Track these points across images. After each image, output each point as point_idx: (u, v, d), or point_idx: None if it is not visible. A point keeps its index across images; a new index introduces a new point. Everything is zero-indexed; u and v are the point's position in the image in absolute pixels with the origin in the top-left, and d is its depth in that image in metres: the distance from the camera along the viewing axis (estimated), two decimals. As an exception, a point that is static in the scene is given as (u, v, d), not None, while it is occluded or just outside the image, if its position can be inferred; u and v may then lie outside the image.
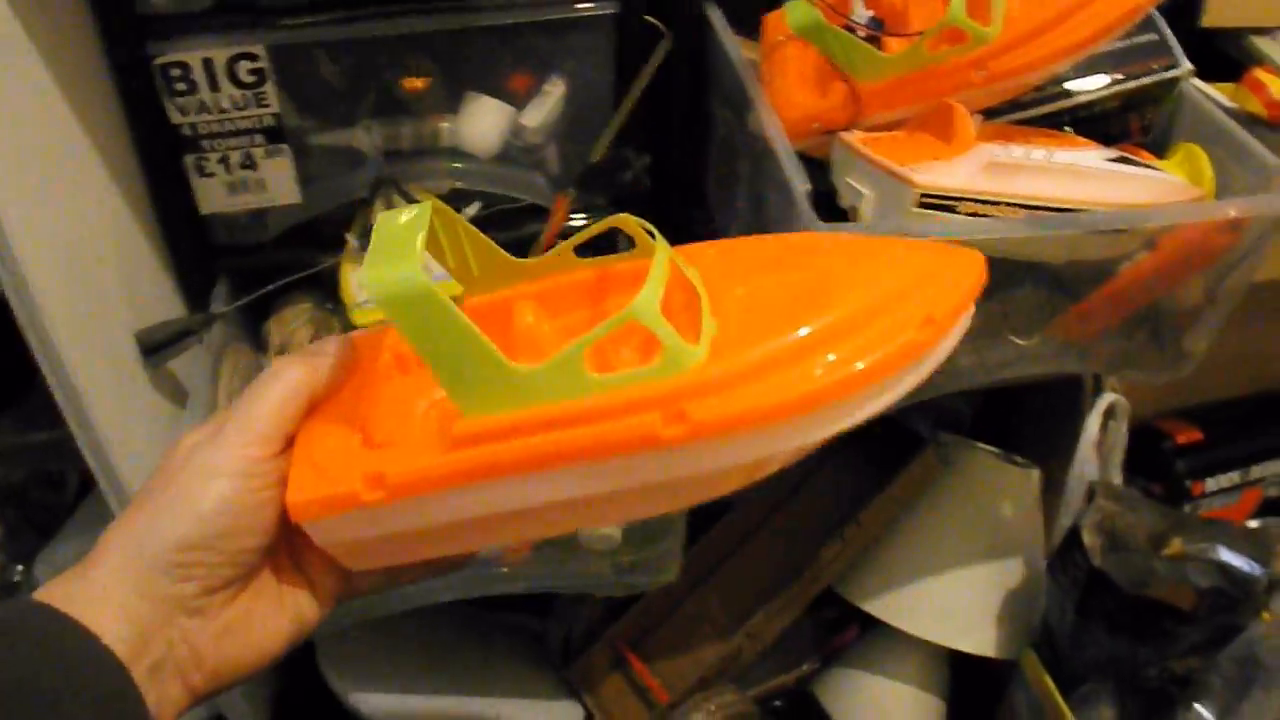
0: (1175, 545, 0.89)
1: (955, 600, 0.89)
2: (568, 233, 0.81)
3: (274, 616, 0.41)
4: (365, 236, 0.77)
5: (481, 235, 0.43)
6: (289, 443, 0.41)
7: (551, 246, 0.80)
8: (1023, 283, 0.67)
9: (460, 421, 0.37)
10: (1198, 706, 0.89)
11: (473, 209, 0.78)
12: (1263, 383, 1.14)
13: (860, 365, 0.35)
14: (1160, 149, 0.76)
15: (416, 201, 0.77)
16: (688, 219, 0.86)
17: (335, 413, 0.42)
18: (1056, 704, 0.86)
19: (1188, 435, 1.06)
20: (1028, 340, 0.69)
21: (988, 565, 0.90)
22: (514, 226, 0.81)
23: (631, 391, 0.36)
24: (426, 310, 0.35)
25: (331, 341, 0.43)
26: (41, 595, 0.37)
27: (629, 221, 0.42)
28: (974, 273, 0.39)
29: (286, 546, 0.42)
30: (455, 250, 0.43)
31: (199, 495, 0.38)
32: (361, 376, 0.43)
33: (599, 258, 0.44)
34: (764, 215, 0.68)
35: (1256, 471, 1.09)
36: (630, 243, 0.43)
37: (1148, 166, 0.69)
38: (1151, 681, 0.90)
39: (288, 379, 0.41)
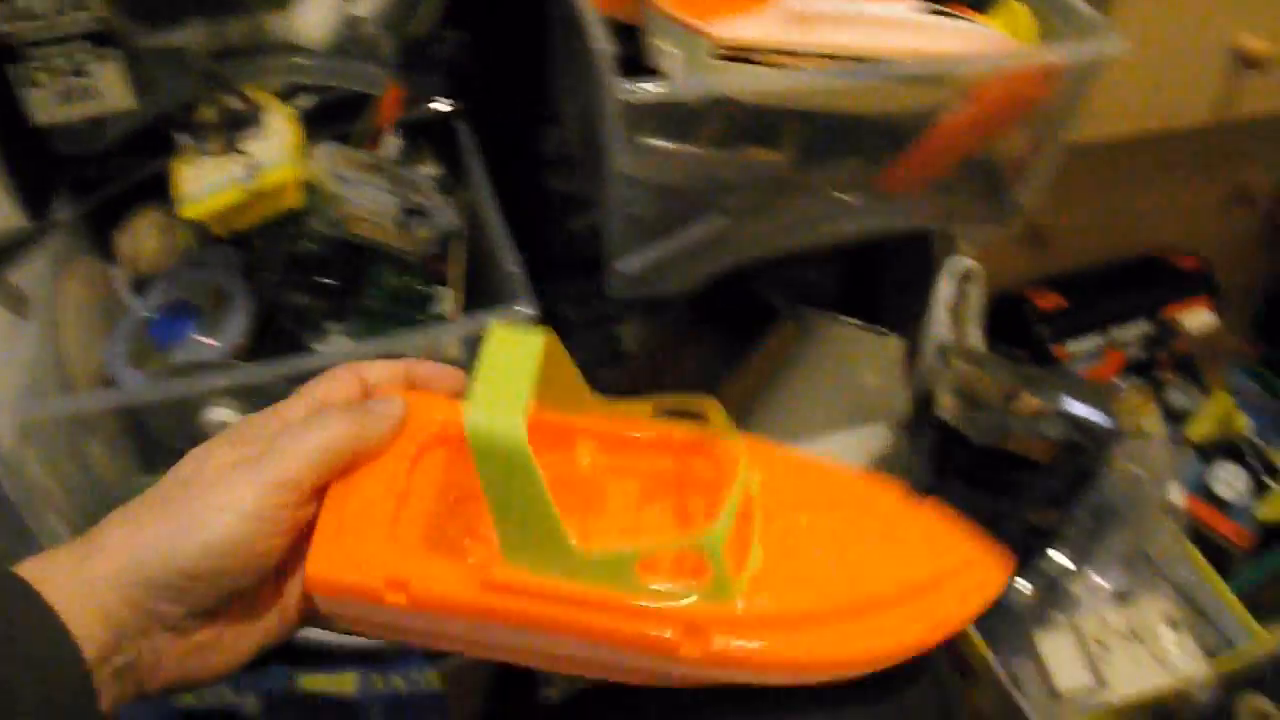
0: (1027, 401, 0.91)
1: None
2: (409, 129, 0.81)
3: (244, 637, 0.41)
4: (197, 133, 0.76)
5: (569, 360, 0.43)
6: (317, 494, 0.41)
7: (380, 134, 0.80)
8: (843, 138, 0.68)
9: (501, 567, 0.38)
10: (1053, 553, 0.93)
11: (305, 101, 0.77)
12: (1123, 249, 1.17)
13: (869, 648, 0.39)
14: (982, 5, 0.76)
15: (248, 100, 0.77)
16: (530, 106, 0.86)
17: (372, 479, 0.42)
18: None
19: (1050, 301, 1.09)
20: (852, 196, 0.70)
21: (852, 432, 0.92)
22: (349, 119, 0.79)
23: (664, 602, 0.38)
24: (513, 466, 0.35)
25: (391, 404, 0.43)
26: (28, 569, 0.36)
27: (714, 408, 0.44)
28: (993, 583, 0.42)
29: (274, 576, 0.41)
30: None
31: (212, 527, 0.37)
32: (405, 442, 0.43)
33: (669, 419, 0.46)
34: (584, 87, 0.68)
35: (1117, 334, 1.12)
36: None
37: (963, 19, 0.70)
38: (1012, 534, 0.93)
39: (332, 433, 0.40)
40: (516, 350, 0.37)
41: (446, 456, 0.44)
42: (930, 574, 0.41)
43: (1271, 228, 1.28)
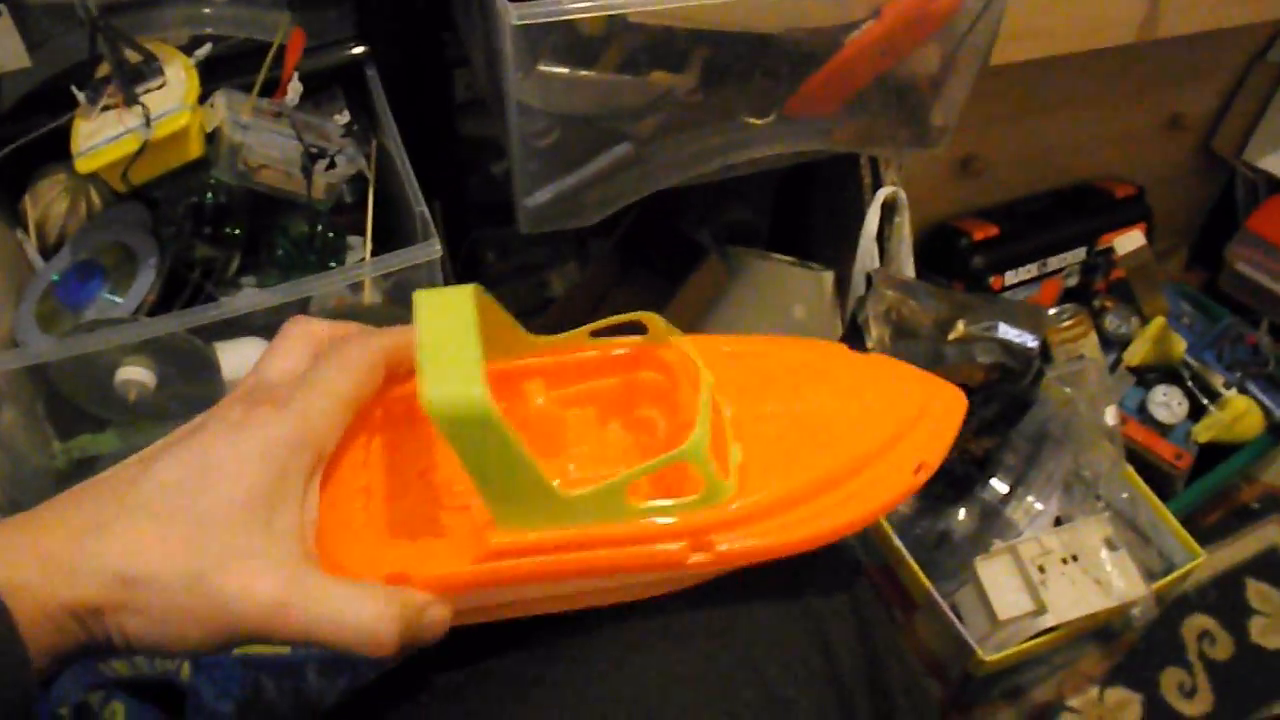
0: (960, 328, 0.91)
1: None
2: (308, 77, 0.79)
3: None
4: (95, 89, 0.74)
5: (499, 306, 0.42)
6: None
7: (284, 82, 0.78)
8: (749, 59, 0.67)
9: (495, 534, 0.37)
10: (994, 481, 0.93)
11: (204, 51, 0.75)
12: (1058, 177, 1.17)
13: (865, 509, 0.40)
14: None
15: (146, 52, 0.75)
16: (439, 49, 0.84)
17: (334, 480, 0.40)
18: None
19: (984, 231, 1.08)
20: (764, 119, 0.69)
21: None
22: (255, 68, 0.77)
23: (663, 520, 0.38)
24: (485, 433, 0.34)
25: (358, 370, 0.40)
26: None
27: (654, 320, 0.44)
28: (957, 411, 0.44)
29: None
30: None
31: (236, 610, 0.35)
32: (353, 431, 0.41)
33: (605, 339, 0.45)
34: (483, 19, 0.66)
35: (1054, 262, 1.12)
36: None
37: (868, -65, 0.69)
38: (949, 463, 0.93)
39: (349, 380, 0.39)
40: (451, 312, 0.36)
41: (393, 436, 0.43)
42: (900, 418, 0.42)
43: (1206, 153, 1.28)
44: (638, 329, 0.45)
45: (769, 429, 0.42)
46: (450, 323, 0.36)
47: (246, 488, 0.35)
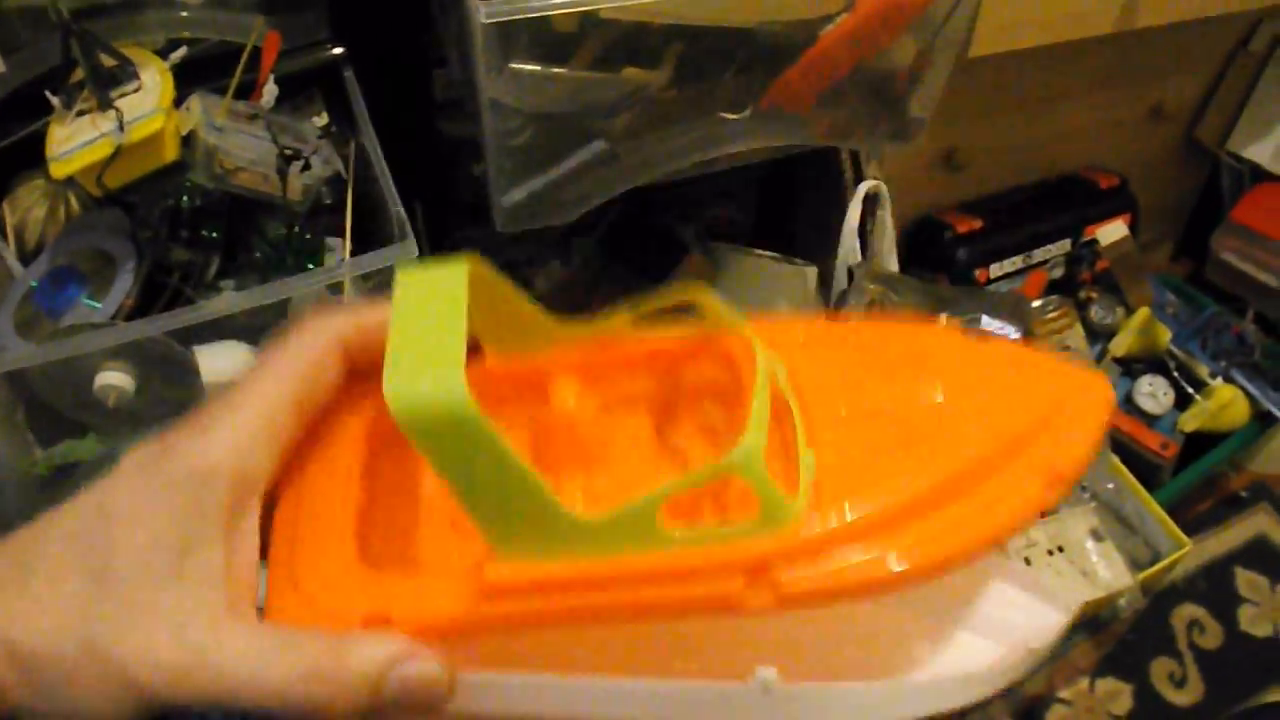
0: (943, 321, 0.91)
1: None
2: (285, 80, 0.79)
3: None
4: (70, 94, 0.73)
5: (512, 286, 0.34)
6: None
7: (260, 84, 0.78)
8: (727, 54, 0.67)
9: (494, 566, 0.30)
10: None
11: (179, 54, 0.75)
12: (1039, 170, 1.17)
13: (980, 533, 0.31)
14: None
15: (121, 56, 0.75)
16: (417, 50, 0.84)
17: (332, 496, 0.34)
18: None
19: (968, 225, 1.08)
20: (739, 114, 0.69)
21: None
22: (231, 71, 0.77)
23: (710, 549, 0.30)
24: (463, 437, 0.27)
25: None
26: None
27: (708, 298, 0.35)
28: (1101, 405, 0.33)
29: None
30: (477, 299, 0.31)
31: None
32: (345, 421, 0.35)
33: (656, 328, 0.36)
34: (456, 18, 0.66)
35: (1039, 254, 1.12)
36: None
37: (841, -72, 0.69)
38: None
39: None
40: (435, 290, 0.29)
41: (383, 444, 0.36)
42: (1025, 421, 0.32)
43: (1190, 144, 1.29)
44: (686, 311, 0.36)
45: (854, 433, 0.33)
46: (433, 304, 0.29)
47: (150, 534, 0.31)
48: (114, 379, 0.71)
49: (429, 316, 0.29)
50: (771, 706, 0.32)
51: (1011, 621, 0.39)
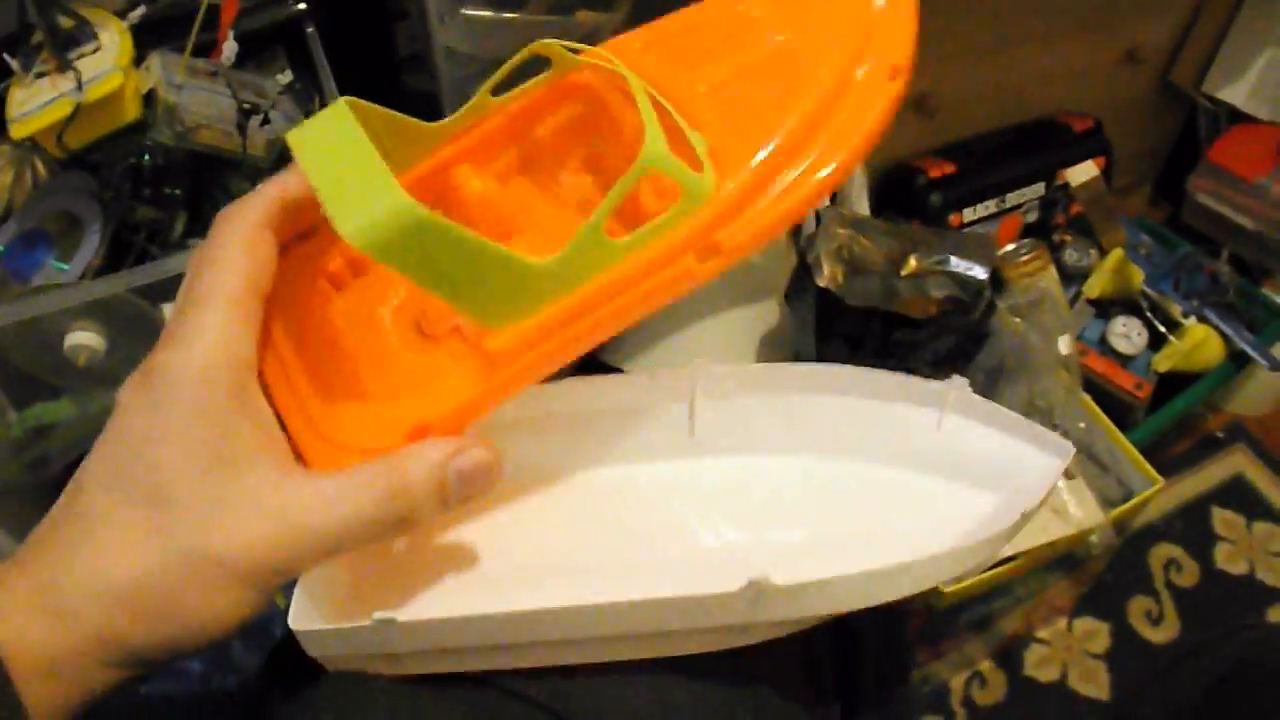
0: (912, 263, 0.91)
1: (711, 348, 0.91)
2: (247, 37, 0.79)
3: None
4: (29, 55, 0.73)
5: (381, 109, 0.37)
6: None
7: (220, 41, 0.78)
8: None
9: (490, 338, 0.34)
10: (950, 413, 0.93)
11: (137, 13, 0.74)
12: (1013, 115, 1.17)
13: (858, 138, 0.36)
14: None
15: (79, 16, 0.74)
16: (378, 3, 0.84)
17: (323, 349, 0.37)
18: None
19: (941, 169, 1.08)
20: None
21: (741, 309, 0.92)
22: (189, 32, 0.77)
23: (656, 244, 0.34)
24: (425, 239, 0.30)
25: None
26: None
27: (551, 46, 0.39)
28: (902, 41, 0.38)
29: None
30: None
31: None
32: (301, 312, 0.38)
33: (512, 93, 0.41)
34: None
35: (1012, 198, 1.12)
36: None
37: None
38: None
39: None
40: (333, 135, 0.32)
41: (342, 291, 0.40)
42: (853, 31, 0.38)
43: (1165, 86, 1.28)
44: (539, 67, 0.40)
45: (722, 100, 0.37)
46: (338, 145, 0.32)
47: (182, 446, 0.33)
48: (84, 339, 0.72)
49: (340, 155, 0.31)
50: (767, 602, 0.35)
51: (1004, 470, 0.42)
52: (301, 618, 0.35)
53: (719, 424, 0.45)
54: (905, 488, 0.45)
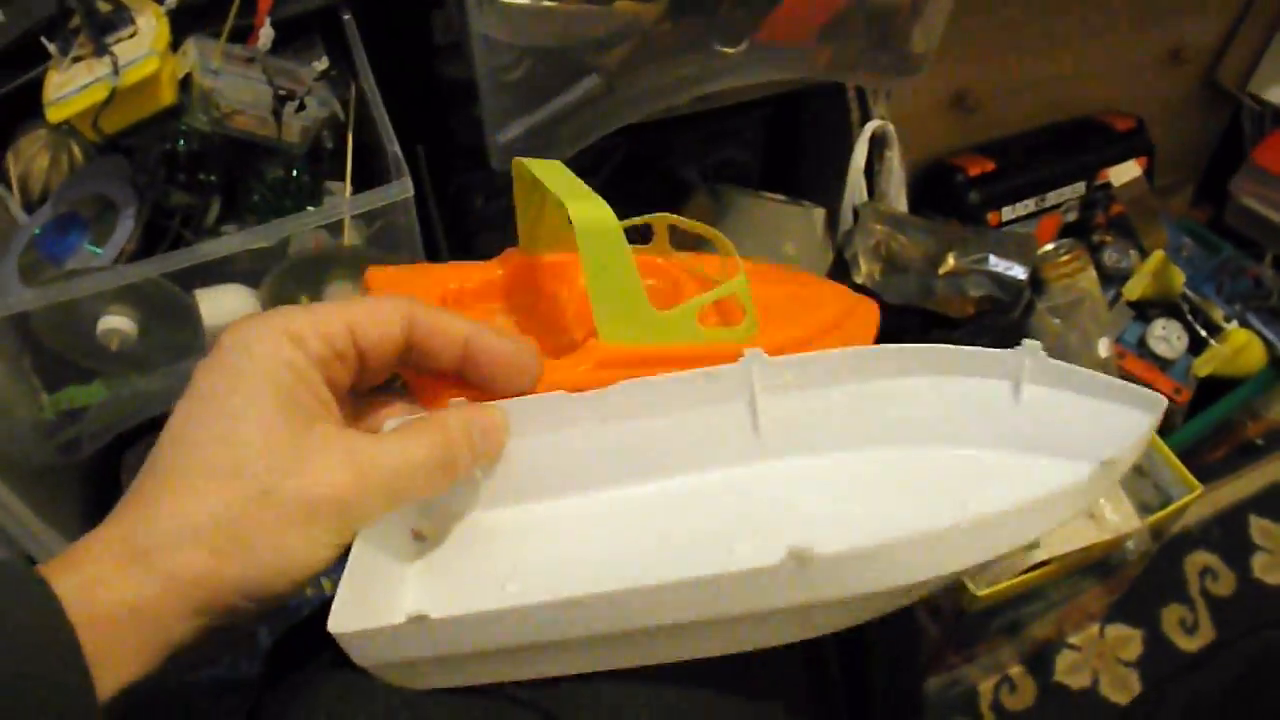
0: (950, 262, 0.90)
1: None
2: (284, 24, 0.78)
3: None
4: (66, 40, 0.73)
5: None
6: None
7: (257, 28, 0.77)
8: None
9: (601, 345, 0.44)
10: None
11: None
12: (1053, 112, 1.15)
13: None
14: None
15: (119, 3, 0.75)
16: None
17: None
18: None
19: (980, 167, 1.07)
20: (736, 47, 0.68)
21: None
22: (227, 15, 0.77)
23: (717, 344, 0.46)
24: (611, 243, 0.41)
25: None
26: (60, 575, 0.32)
27: (713, 231, 0.52)
28: (874, 317, 0.54)
29: None
30: (533, 206, 0.50)
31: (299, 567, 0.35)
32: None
33: (651, 246, 0.54)
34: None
35: (1052, 198, 1.10)
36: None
37: None
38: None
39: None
40: (554, 168, 0.46)
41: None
42: (836, 315, 0.52)
43: (1210, 86, 1.26)
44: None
45: (767, 306, 0.50)
46: (558, 172, 0.45)
47: (255, 403, 0.35)
48: (116, 323, 0.72)
49: (570, 180, 0.45)
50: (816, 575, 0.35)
51: (1092, 435, 0.41)
52: (341, 621, 0.34)
53: (782, 420, 0.45)
54: (989, 468, 0.43)
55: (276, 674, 0.41)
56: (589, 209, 0.41)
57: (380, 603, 0.38)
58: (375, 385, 0.42)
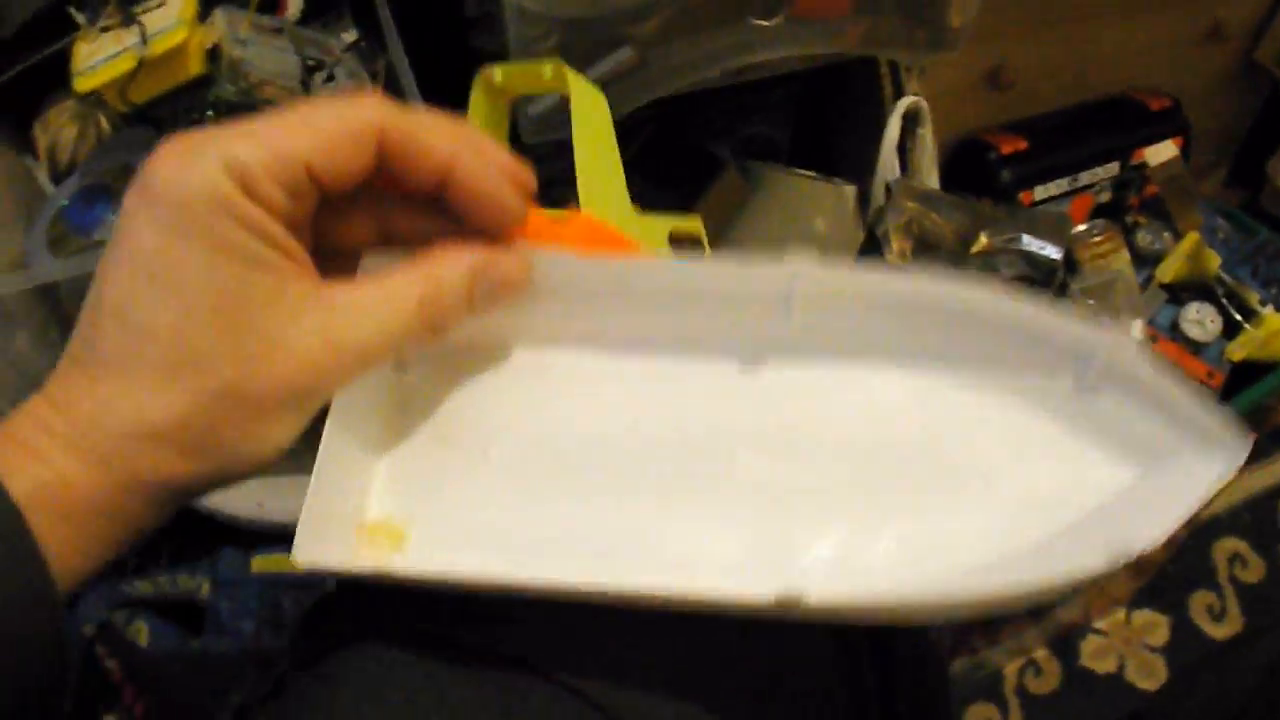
0: (982, 240, 0.89)
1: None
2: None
3: None
4: (92, 11, 0.73)
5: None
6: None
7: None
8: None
9: (586, 216, 0.47)
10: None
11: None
12: (1088, 90, 1.13)
13: None
14: None
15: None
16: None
17: None
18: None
19: (1013, 145, 1.05)
20: (771, 20, 0.66)
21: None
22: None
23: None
24: (601, 120, 0.51)
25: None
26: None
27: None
28: None
29: None
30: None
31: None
32: None
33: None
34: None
35: (1085, 177, 1.08)
36: None
37: None
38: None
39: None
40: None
41: None
42: None
43: (1249, 65, 1.24)
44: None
45: None
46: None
47: (205, 283, 0.31)
48: (144, 295, 0.71)
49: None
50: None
51: (1153, 453, 0.37)
52: (303, 551, 0.33)
53: (818, 326, 0.40)
54: (1032, 435, 0.38)
55: (304, 647, 0.41)
56: (587, 86, 0.44)
57: (351, 506, 0.37)
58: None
